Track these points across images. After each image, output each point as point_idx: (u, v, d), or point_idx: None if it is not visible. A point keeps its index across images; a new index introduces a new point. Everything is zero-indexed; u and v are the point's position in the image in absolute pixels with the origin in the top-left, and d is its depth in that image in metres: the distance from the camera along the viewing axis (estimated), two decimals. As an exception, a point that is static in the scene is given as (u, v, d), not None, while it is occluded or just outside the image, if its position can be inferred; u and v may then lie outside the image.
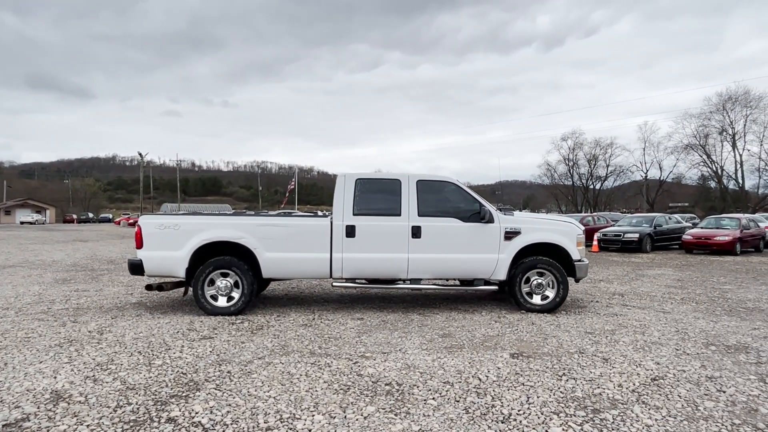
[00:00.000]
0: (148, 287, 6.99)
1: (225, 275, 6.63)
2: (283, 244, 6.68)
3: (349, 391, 3.86)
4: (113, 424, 3.25)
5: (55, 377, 4.10)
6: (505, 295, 7.46)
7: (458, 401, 3.67)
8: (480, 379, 4.14)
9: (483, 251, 6.82)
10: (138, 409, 3.49)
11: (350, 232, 6.69)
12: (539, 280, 6.88)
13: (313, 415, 3.40)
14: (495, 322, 6.30)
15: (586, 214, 27.19)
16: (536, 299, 6.89)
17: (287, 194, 78.08)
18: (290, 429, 3.19)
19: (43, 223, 69.72)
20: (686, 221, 24.39)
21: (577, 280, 7.18)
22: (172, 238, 6.63)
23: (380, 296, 8.16)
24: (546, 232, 6.94)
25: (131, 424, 3.25)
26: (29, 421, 3.28)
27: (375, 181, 7.07)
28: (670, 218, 21.95)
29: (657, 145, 56.38)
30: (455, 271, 6.95)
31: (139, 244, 6.66)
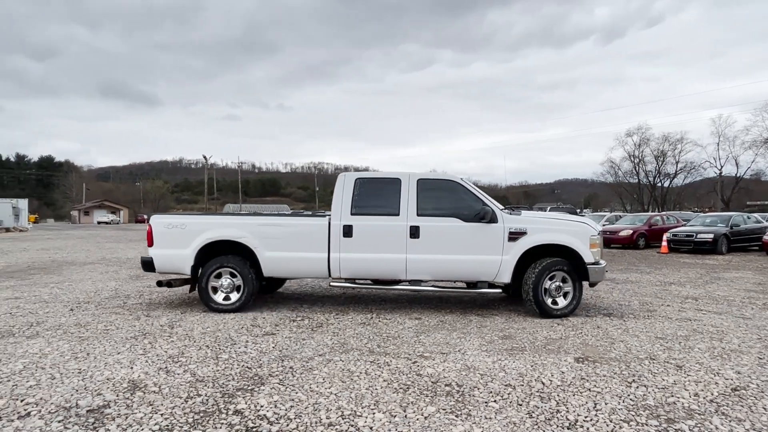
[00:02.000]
0: (159, 283, 7.22)
1: (227, 273, 6.80)
2: (283, 243, 6.76)
3: (408, 390, 3.85)
4: (185, 413, 3.41)
5: (131, 367, 4.36)
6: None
7: (521, 405, 3.58)
8: (543, 383, 4.02)
9: (485, 252, 6.49)
10: (207, 400, 3.64)
11: (347, 231, 6.64)
12: (548, 284, 6.45)
13: (373, 413, 3.42)
14: (557, 324, 6.10)
15: (654, 214, 25.84)
16: (549, 301, 6.48)
17: (343, 194, 79.36)
18: (352, 426, 3.23)
19: (118, 223, 74.43)
20: (767, 221, 22.65)
21: (591, 285, 6.74)
22: (179, 237, 6.87)
23: (437, 297, 8.11)
24: (554, 233, 6.50)
25: (201, 414, 3.40)
26: (109, 408, 3.49)
27: (375, 180, 6.96)
28: (748, 217, 20.47)
29: (733, 140, 52.69)
30: (456, 272, 6.66)
31: (150, 243, 6.96)
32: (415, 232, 6.54)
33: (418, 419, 3.33)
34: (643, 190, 63.40)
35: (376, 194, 6.82)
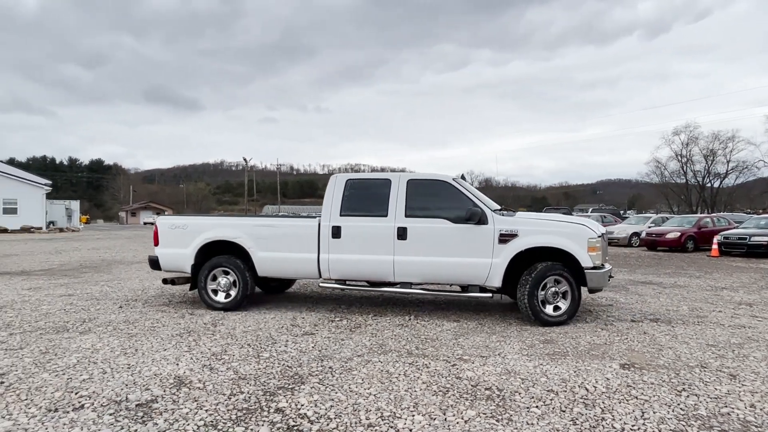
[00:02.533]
0: (164, 281, 7.54)
1: (224, 272, 6.98)
2: (275, 243, 6.86)
3: (448, 393, 3.82)
4: (228, 410, 3.48)
5: (177, 364, 4.49)
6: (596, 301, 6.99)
7: (564, 411, 3.50)
8: (587, 390, 3.91)
9: (474, 255, 6.24)
10: (249, 398, 3.71)
11: (336, 233, 6.63)
12: (543, 290, 6.08)
13: (413, 415, 3.40)
14: (601, 329, 5.93)
15: (703, 215, 24.80)
16: (546, 308, 6.11)
17: (380, 196, 79.64)
18: (391, 427, 3.23)
19: (163, 224, 76.66)
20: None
21: (591, 292, 6.34)
22: (181, 237, 7.15)
23: (477, 300, 8.01)
24: (547, 235, 6.14)
25: (244, 411, 3.47)
26: (157, 402, 3.61)
27: (365, 181, 6.97)
28: (807, 219, 19.33)
29: (789, 137, 49.82)
30: (445, 275, 6.48)
31: (156, 242, 7.29)
32: (402, 233, 6.41)
33: (458, 423, 3.30)
34: (691, 190, 60.84)
35: (366, 195, 6.79)
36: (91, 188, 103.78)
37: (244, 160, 69.72)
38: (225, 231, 7.05)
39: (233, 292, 6.96)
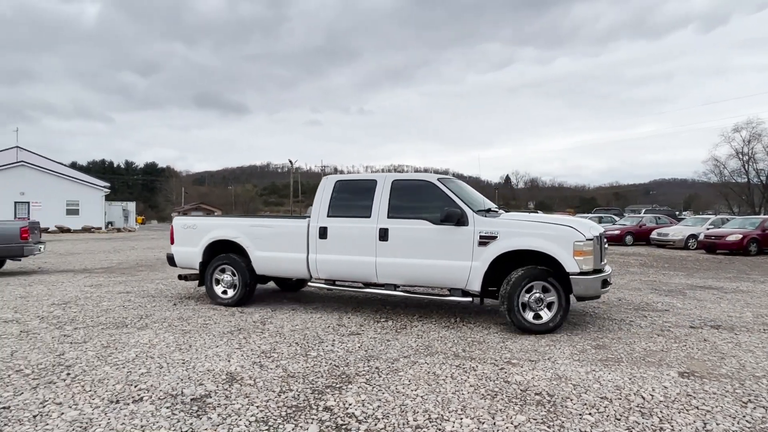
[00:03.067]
0: (179, 277, 8.04)
1: (226, 270, 7.34)
2: (270, 243, 7.08)
3: (496, 397, 3.76)
4: (278, 407, 3.55)
5: (228, 360, 4.62)
6: (670, 305, 6.69)
7: (619, 419, 3.37)
8: (644, 398, 3.75)
9: (454, 257, 6.02)
10: (298, 395, 3.78)
11: (323, 233, 6.71)
12: (526, 296, 5.72)
13: (461, 418, 3.37)
14: (657, 335, 5.69)
15: (767, 217, 23.34)
16: (528, 316, 5.75)
17: (423, 197, 79.45)
18: (439, 430, 3.20)
19: (212, 224, 79.11)
20: None
21: (579, 299, 5.87)
22: (192, 236, 7.63)
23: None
24: (528, 238, 5.74)
25: (293, 408, 3.53)
26: (210, 398, 3.73)
27: (353, 182, 7.01)
28: None
29: None
30: (426, 278, 6.31)
31: (172, 241, 7.85)
32: (384, 234, 6.35)
33: (507, 428, 3.24)
34: (753, 190, 57.45)
35: (353, 197, 6.80)
36: (146, 190, 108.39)
37: (290, 162, 71.13)
38: (227, 231, 7.42)
39: (235, 289, 7.28)
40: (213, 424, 3.27)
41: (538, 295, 5.73)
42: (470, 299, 6.12)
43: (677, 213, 42.00)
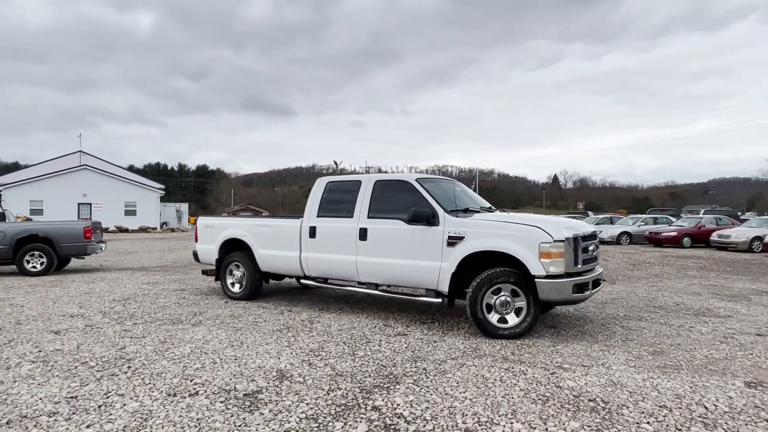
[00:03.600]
0: (203, 272, 8.69)
1: (237, 267, 7.93)
2: (270, 242, 7.50)
3: (548, 402, 3.67)
4: (327, 405, 3.60)
5: (278, 358, 4.72)
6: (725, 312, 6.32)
7: (680, 429, 3.22)
8: (706, 408, 3.57)
9: (425, 257, 5.96)
10: (347, 394, 3.81)
11: (312, 233, 6.97)
12: (492, 299, 5.55)
13: (511, 423, 3.30)
14: (720, 342, 5.39)
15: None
16: (493, 319, 5.55)
17: (468, 197, 78.69)
18: (489, 433, 3.15)
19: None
20: None
21: (546, 304, 5.64)
22: (210, 235, 8.33)
23: (574, 306, 7.62)
24: (493, 239, 5.54)
25: (342, 407, 3.56)
26: (262, 394, 3.81)
27: (341, 183, 7.16)
28: None
29: None
30: (401, 277, 6.26)
31: (196, 239, 8.62)
32: (363, 234, 6.46)
33: (560, 434, 3.15)
34: (825, 189, 53.59)
35: (340, 197, 6.97)
36: (198, 192, 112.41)
37: (335, 163, 72.08)
38: (236, 230, 7.95)
39: (242, 285, 7.85)
40: (265, 419, 3.34)
41: (504, 298, 5.54)
42: (440, 300, 6.03)
43: (739, 214, 39.73)
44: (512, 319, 5.52)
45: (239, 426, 3.25)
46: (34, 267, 11.17)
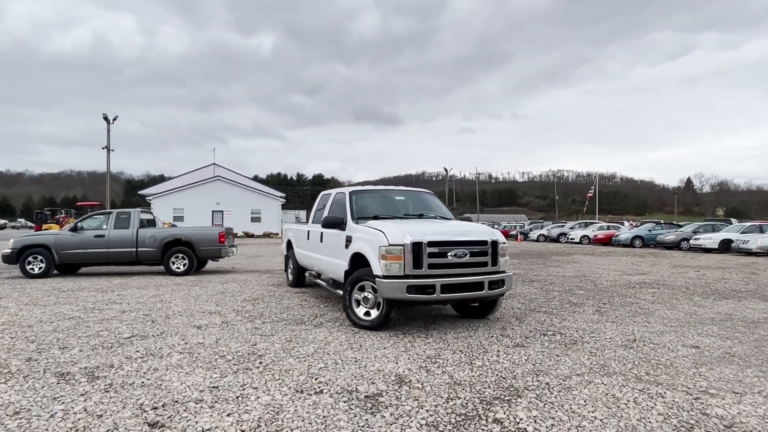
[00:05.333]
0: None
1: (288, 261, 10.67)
2: (297, 242, 9.81)
3: (693, 430, 3.30)
4: (447, 413, 3.57)
5: (396, 362, 4.79)
6: None
7: None
8: None
9: (338, 257, 7.13)
10: (466, 404, 3.75)
11: (307, 236, 9.01)
12: (358, 294, 6.37)
13: (650, 450, 3.02)
14: None
15: None
16: (360, 312, 6.35)
17: (586, 203, 73.96)
18: (625, 459, 2.91)
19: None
20: None
21: (387, 301, 5.98)
22: (284, 237, 11.02)
23: (720, 319, 6.80)
24: (359, 242, 6.49)
25: (462, 417, 3.51)
26: (382, 396, 3.89)
27: (324, 197, 8.88)
28: None
29: None
30: (335, 273, 7.38)
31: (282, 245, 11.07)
32: (321, 237, 8.01)
33: (710, 467, 2.81)
34: None
35: (322, 208, 8.60)
36: (314, 200, 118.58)
37: (445, 170, 71.99)
38: (288, 234, 10.67)
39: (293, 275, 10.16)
40: (386, 422, 3.40)
41: (367, 294, 6.28)
42: (340, 291, 6.97)
43: None
44: (374, 313, 6.24)
45: (362, 427, 3.34)
46: (178, 267, 12.53)
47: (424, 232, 6.05)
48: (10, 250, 12.08)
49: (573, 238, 35.18)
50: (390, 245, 5.88)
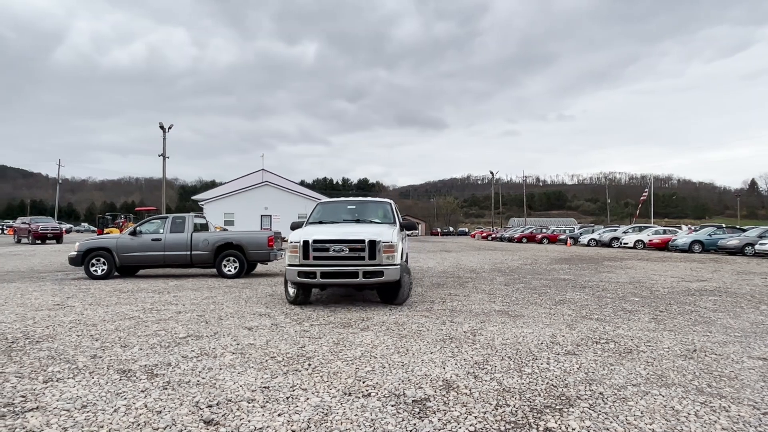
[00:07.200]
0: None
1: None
2: None
3: (762, 447, 3.11)
4: (496, 420, 3.51)
5: (443, 368, 4.76)
6: None
7: None
8: None
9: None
10: (516, 412, 3.68)
11: None
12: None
13: (714, 466, 2.87)
14: None
15: None
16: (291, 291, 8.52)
17: (639, 206, 71.01)
18: (686, 475, 2.78)
19: (416, 236, 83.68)
20: None
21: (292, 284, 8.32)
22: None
23: (787, 333, 6.37)
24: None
25: (512, 425, 3.45)
26: (430, 401, 3.87)
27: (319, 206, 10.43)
28: None
29: None
30: None
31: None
32: None
33: (782, 488, 2.64)
34: None
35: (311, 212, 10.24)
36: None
37: (491, 173, 71.06)
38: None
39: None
40: (434, 427, 3.39)
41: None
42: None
43: None
44: (294, 292, 8.43)
45: (410, 431, 3.34)
46: (229, 270, 12.94)
47: (319, 233, 7.96)
48: (75, 253, 12.83)
49: (626, 243, 33.89)
50: (291, 242, 7.95)
